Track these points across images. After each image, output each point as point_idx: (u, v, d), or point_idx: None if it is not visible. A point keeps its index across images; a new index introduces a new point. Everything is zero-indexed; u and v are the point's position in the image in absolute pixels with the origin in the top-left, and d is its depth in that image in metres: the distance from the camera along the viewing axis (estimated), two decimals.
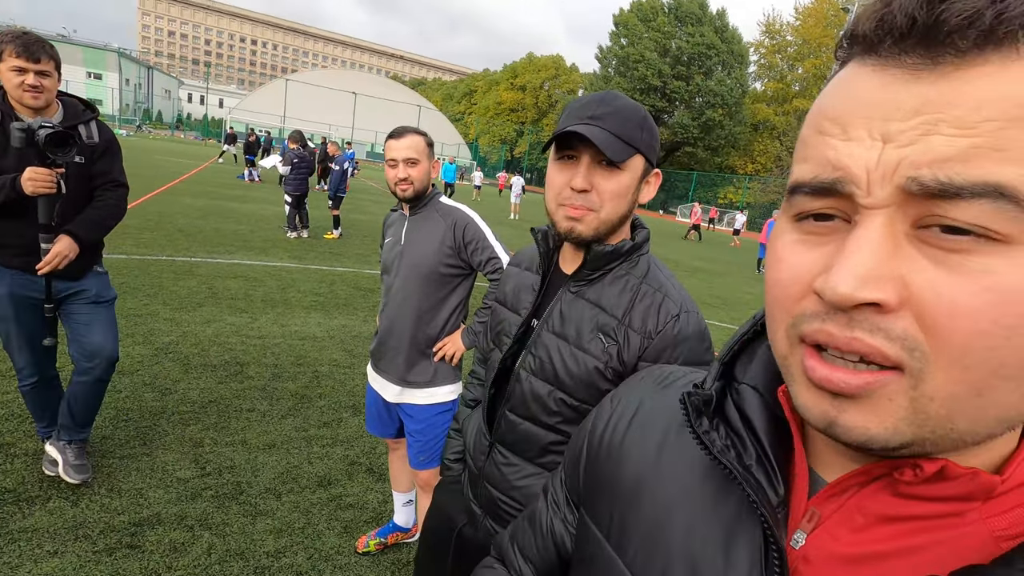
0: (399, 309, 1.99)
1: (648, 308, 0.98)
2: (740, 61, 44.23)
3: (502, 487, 1.11)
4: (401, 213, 2.06)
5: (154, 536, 2.19)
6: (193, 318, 4.64)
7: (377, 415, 2.17)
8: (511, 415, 1.09)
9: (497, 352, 1.14)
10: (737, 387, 0.44)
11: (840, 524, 0.36)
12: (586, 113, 0.94)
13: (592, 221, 0.97)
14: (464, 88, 78.76)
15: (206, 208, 10.59)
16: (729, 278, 12.44)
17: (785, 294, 0.34)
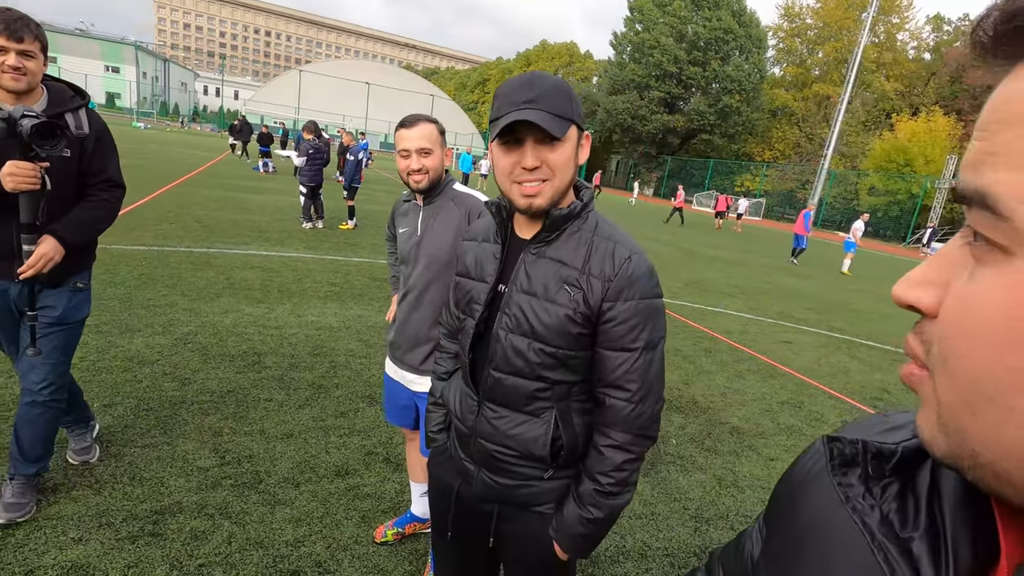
0: (418, 300, 1.97)
1: (603, 256, 1.10)
2: (758, 46, 43.31)
3: (496, 439, 1.19)
4: (415, 203, 2.01)
5: (175, 524, 2.22)
6: (211, 308, 4.68)
7: (395, 405, 2.16)
8: (496, 372, 1.17)
9: (470, 320, 1.21)
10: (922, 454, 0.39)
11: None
12: (520, 98, 1.02)
13: (547, 193, 1.07)
14: (477, 77, 78.36)
15: (222, 200, 10.68)
16: (745, 267, 12.26)
17: None
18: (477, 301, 1.20)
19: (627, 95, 45.02)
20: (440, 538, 1.41)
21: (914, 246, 29.53)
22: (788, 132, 44.15)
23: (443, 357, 1.43)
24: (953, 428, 0.29)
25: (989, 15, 0.28)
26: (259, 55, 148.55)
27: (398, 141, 1.89)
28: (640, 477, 3.06)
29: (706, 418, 3.96)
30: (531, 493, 1.20)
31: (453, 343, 1.40)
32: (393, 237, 2.25)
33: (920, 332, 0.31)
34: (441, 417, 1.41)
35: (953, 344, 0.29)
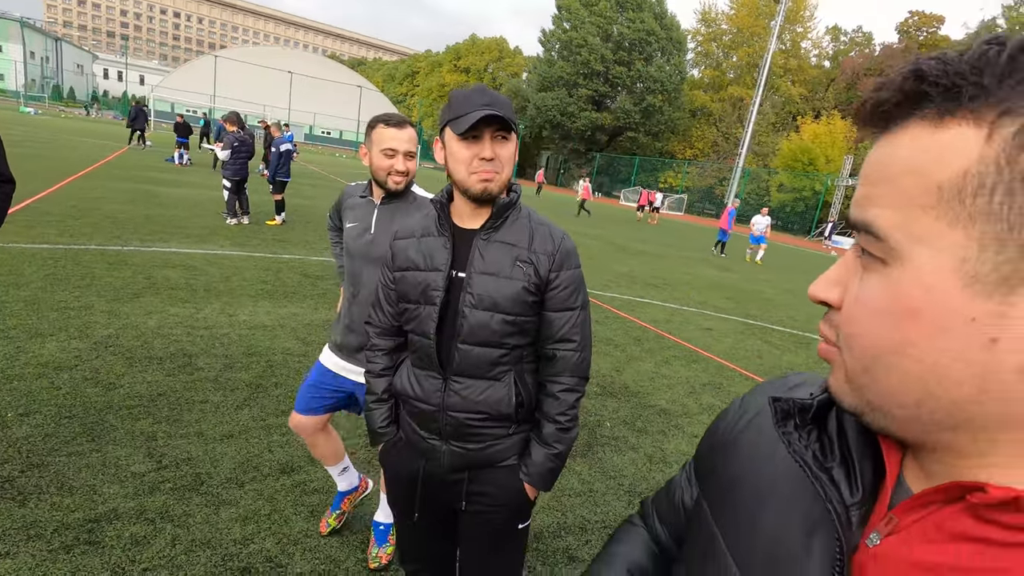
0: (370, 300, 1.97)
1: (544, 236, 1.33)
2: (678, 48, 45.36)
3: (467, 408, 1.33)
4: (369, 199, 1.98)
5: (113, 531, 2.15)
6: (132, 310, 4.44)
7: (321, 393, 2.10)
8: (463, 346, 1.31)
9: (429, 307, 1.33)
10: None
11: (916, 534, 0.39)
12: (482, 101, 1.21)
13: (499, 180, 1.26)
14: (406, 69, 76.85)
15: (134, 193, 9.98)
16: (670, 260, 12.94)
17: None
18: (435, 288, 1.31)
19: (556, 92, 45.84)
20: (406, 521, 1.50)
21: (817, 239, 32.11)
22: (707, 131, 46.63)
23: (378, 355, 1.50)
24: (855, 386, 0.40)
25: (867, 100, 0.40)
26: (167, 38, 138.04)
27: (383, 139, 1.87)
28: (578, 459, 3.26)
29: (636, 401, 4.24)
30: (498, 450, 1.36)
31: (387, 339, 1.49)
32: (338, 228, 2.22)
33: (829, 320, 0.43)
34: (387, 411, 1.49)
35: (853, 327, 0.40)
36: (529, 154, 54.91)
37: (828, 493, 0.44)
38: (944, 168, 0.34)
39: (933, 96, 0.35)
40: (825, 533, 0.44)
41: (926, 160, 0.35)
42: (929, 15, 43.88)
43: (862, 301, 0.39)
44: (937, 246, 0.35)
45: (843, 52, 47.43)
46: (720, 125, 45.94)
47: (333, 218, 2.24)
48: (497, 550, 1.45)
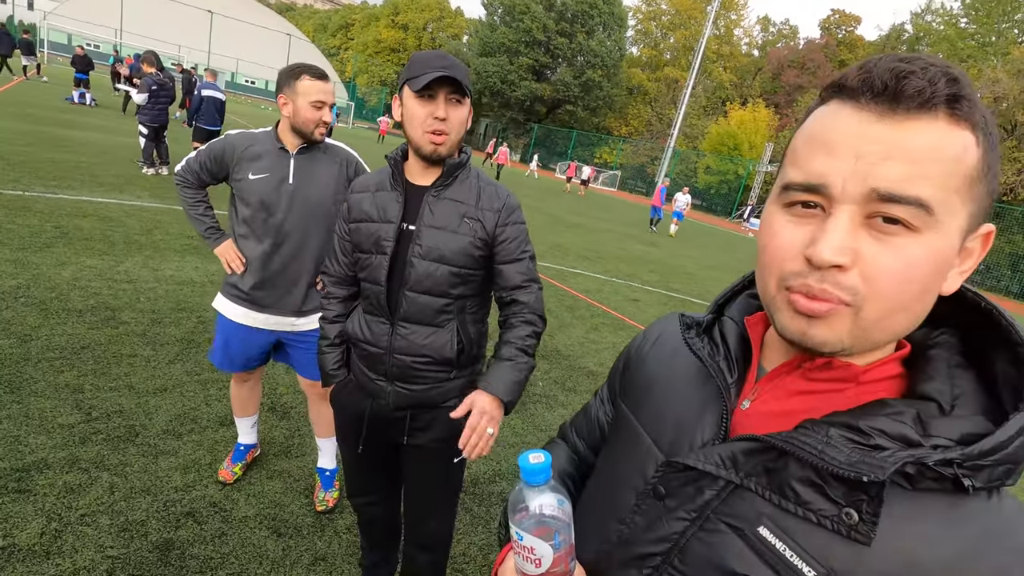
0: (298, 246, 2.01)
1: (491, 194, 1.45)
2: (619, 24, 45.70)
3: (412, 351, 1.44)
4: (281, 147, 1.97)
5: (44, 480, 2.11)
6: (42, 260, 4.14)
7: (243, 351, 2.15)
8: (410, 293, 1.41)
9: (380, 256, 1.42)
10: (722, 319, 0.69)
11: (770, 396, 0.58)
12: (439, 63, 1.29)
13: (448, 142, 1.35)
14: (340, 20, 72.54)
15: (31, 134, 9.02)
16: (602, 234, 13.40)
17: (779, 256, 0.51)
18: (386, 239, 1.41)
19: (497, 58, 45.07)
20: (351, 453, 1.63)
21: (737, 220, 34.06)
22: (642, 110, 47.71)
23: (332, 302, 1.59)
24: (865, 333, 0.48)
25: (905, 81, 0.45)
26: None
27: (311, 91, 1.90)
28: (514, 416, 3.47)
29: (567, 364, 4.51)
30: (441, 392, 1.49)
31: (341, 288, 1.58)
32: (210, 182, 2.08)
33: (837, 282, 0.47)
34: (338, 355, 1.59)
35: (887, 284, 0.46)
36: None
37: (716, 375, 0.61)
38: (967, 161, 0.45)
39: (964, 100, 0.45)
40: (714, 402, 0.61)
41: (959, 153, 0.45)
42: (848, 15, 46.74)
43: (908, 262, 0.45)
44: (959, 219, 0.46)
45: (771, 43, 49.71)
46: (655, 105, 47.12)
47: (203, 173, 2.05)
48: (436, 482, 1.59)
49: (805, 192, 0.49)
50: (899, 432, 0.48)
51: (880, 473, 0.45)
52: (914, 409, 0.49)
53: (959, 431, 0.47)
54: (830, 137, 0.48)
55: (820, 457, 0.48)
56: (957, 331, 0.55)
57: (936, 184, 0.45)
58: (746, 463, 0.54)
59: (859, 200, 0.46)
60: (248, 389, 2.33)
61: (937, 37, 38.58)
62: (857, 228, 0.47)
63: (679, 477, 0.58)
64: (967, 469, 0.45)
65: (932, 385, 0.50)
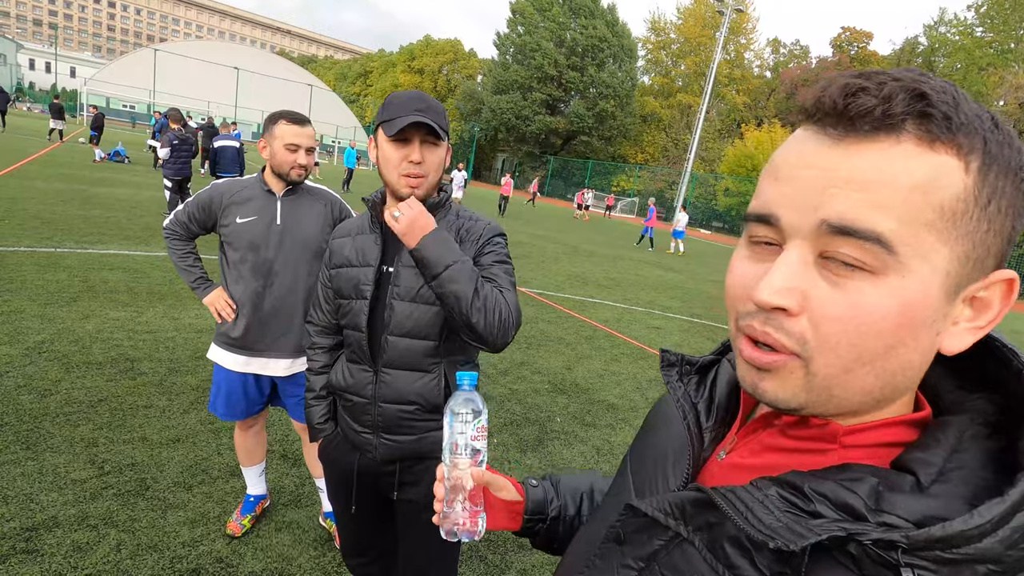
0: (289, 286, 2.04)
1: (469, 228, 1.41)
2: (630, 55, 46.48)
3: (398, 399, 1.38)
4: (266, 191, 2.04)
5: (53, 539, 2.10)
6: (68, 314, 4.25)
7: (244, 398, 2.16)
8: (392, 337, 1.37)
9: (361, 301, 1.38)
10: (723, 360, 0.64)
11: (746, 448, 0.53)
12: (414, 107, 1.27)
13: (425, 185, 1.33)
14: (359, 68, 75.57)
15: (66, 193, 9.46)
16: (620, 262, 13.30)
17: (735, 295, 0.46)
18: (366, 282, 1.37)
19: (511, 95, 46.13)
20: (344, 513, 1.56)
21: None
22: (657, 137, 47.96)
23: (318, 353, 1.55)
24: (819, 388, 0.42)
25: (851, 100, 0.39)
26: (101, 28, 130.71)
27: (286, 135, 1.97)
28: (529, 452, 3.36)
29: (586, 397, 4.39)
30: (430, 442, 1.42)
31: (326, 338, 1.54)
32: (198, 232, 2.12)
33: (780, 327, 0.41)
34: (325, 408, 1.54)
35: (841, 333, 0.39)
36: (485, 157, 55.02)
37: (687, 417, 0.57)
38: (941, 190, 0.38)
39: (937, 117, 0.38)
40: (687, 449, 0.57)
41: (927, 179, 0.38)
42: (859, 31, 46.68)
43: (862, 308, 0.39)
44: (933, 260, 0.39)
45: (783, 64, 49.82)
46: (670, 131, 47.35)
47: (192, 223, 2.08)
48: (430, 539, 1.45)
49: (757, 223, 0.44)
50: (844, 501, 0.40)
51: (795, 542, 0.38)
52: (876, 479, 0.41)
53: (923, 512, 0.38)
54: (780, 164, 0.43)
55: (744, 517, 0.42)
56: (999, 397, 0.45)
57: (897, 216, 0.38)
58: (694, 516, 0.49)
59: (809, 235, 0.40)
60: (253, 436, 2.31)
61: (954, 47, 38.19)
62: (809, 267, 0.41)
63: (635, 522, 0.55)
64: (921, 559, 0.36)
65: (918, 455, 0.42)
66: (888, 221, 0.38)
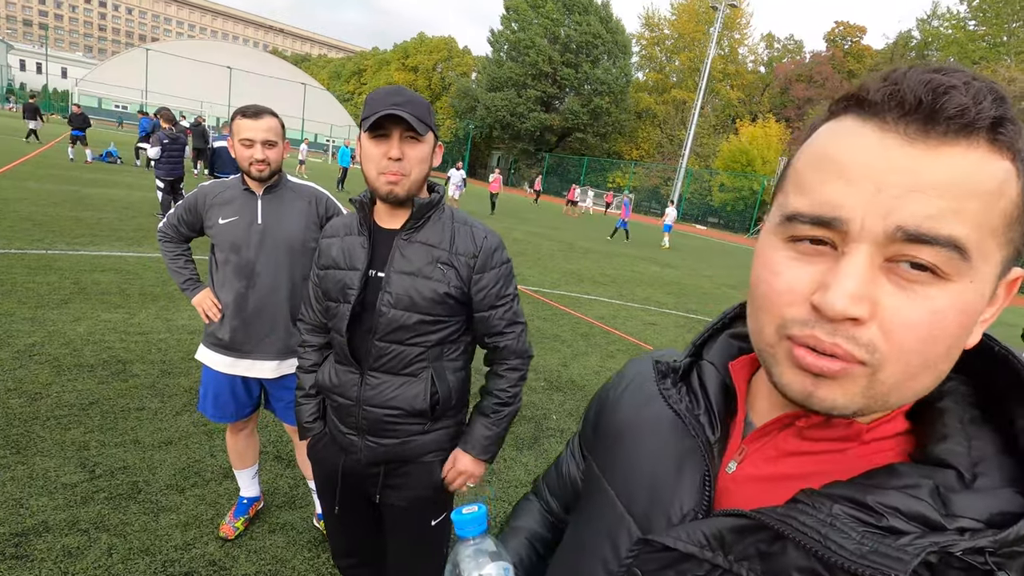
0: (272, 287, 2.01)
1: (465, 237, 1.35)
2: (624, 51, 46.40)
3: (382, 403, 1.36)
4: (244, 191, 2.01)
5: (43, 544, 2.08)
6: (59, 316, 4.22)
7: (232, 400, 2.13)
8: (380, 343, 1.33)
9: (344, 304, 1.35)
10: (701, 363, 0.60)
11: (759, 456, 0.50)
12: (391, 101, 1.21)
13: (405, 183, 1.27)
14: (353, 67, 75.25)
15: (57, 194, 9.39)
16: (616, 259, 13.30)
17: (779, 300, 0.42)
18: (351, 287, 1.34)
19: (505, 92, 46.02)
20: (330, 515, 1.54)
21: (755, 236, 33.62)
22: (652, 133, 47.92)
23: (308, 351, 1.53)
24: (882, 395, 0.40)
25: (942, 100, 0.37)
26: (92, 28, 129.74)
27: (240, 130, 1.91)
28: (525, 451, 3.35)
29: (582, 394, 4.38)
30: (415, 446, 1.40)
31: (316, 336, 1.52)
32: (189, 234, 2.11)
33: (851, 336, 0.39)
34: (314, 407, 1.52)
35: (918, 342, 0.38)
36: (480, 154, 54.91)
37: (697, 433, 0.54)
38: (1006, 197, 0.38)
39: (1008, 123, 0.37)
40: (694, 463, 0.53)
41: (996, 186, 0.37)
42: (853, 25, 46.73)
43: (937, 314, 0.38)
44: (992, 264, 0.39)
45: (776, 59, 49.86)
46: (664, 127, 47.32)
47: (181, 226, 2.08)
48: (413, 543, 1.47)
49: (814, 226, 0.41)
50: (916, 511, 0.39)
51: (901, 569, 0.37)
52: (931, 480, 0.41)
53: (987, 510, 0.39)
54: (846, 161, 0.40)
55: (825, 546, 0.40)
56: (968, 379, 0.47)
57: (973, 223, 0.37)
58: (736, 544, 0.46)
59: (880, 240, 0.38)
60: (244, 439, 2.29)
61: (947, 41, 38.27)
62: (877, 273, 0.39)
63: (657, 558, 0.50)
64: (1000, 557, 0.37)
65: (946, 446, 0.42)
66: (965, 228, 0.37)
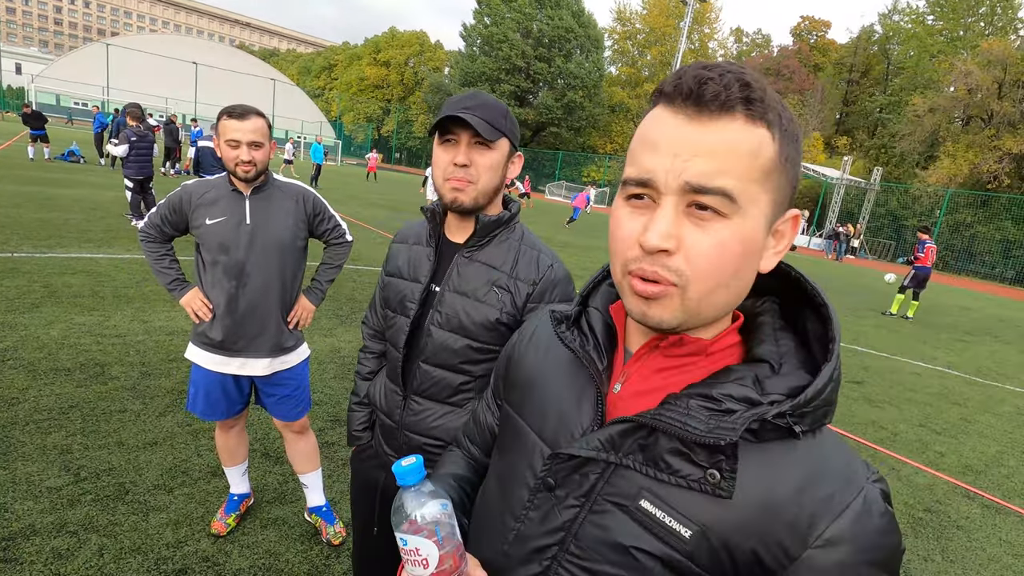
0: (263, 286, 2.03)
1: (529, 262, 1.25)
2: (596, 46, 46.63)
3: (422, 430, 1.29)
4: (230, 191, 2.00)
5: (31, 547, 2.07)
6: (31, 320, 4.12)
7: (224, 397, 2.14)
8: (425, 366, 1.27)
9: (403, 318, 1.29)
10: (588, 309, 0.72)
11: (637, 376, 0.64)
12: (461, 105, 1.15)
13: (471, 192, 1.18)
14: (323, 61, 73.92)
15: (19, 195, 9.09)
16: (594, 252, 13.44)
17: (622, 245, 0.57)
18: (411, 300, 1.28)
19: (479, 87, 45.80)
20: (367, 534, 1.42)
21: None
22: (625, 127, 48.33)
23: (368, 357, 1.49)
24: (693, 309, 0.54)
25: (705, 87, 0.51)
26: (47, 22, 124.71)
27: (226, 131, 1.90)
28: None
29: None
30: None
31: (378, 342, 1.47)
32: (173, 234, 2.10)
33: (665, 265, 0.53)
34: (365, 416, 1.46)
35: (706, 265, 0.52)
36: None
37: (588, 364, 0.65)
38: (762, 155, 0.52)
39: (756, 101, 0.52)
40: (589, 390, 0.66)
41: (754, 147, 0.52)
42: (818, 20, 47.86)
43: (720, 244, 0.52)
44: (759, 206, 0.54)
45: (745, 53, 50.76)
46: (638, 121, 47.51)
47: (165, 225, 2.06)
48: None
49: (638, 186, 0.55)
50: (743, 395, 0.55)
51: (733, 435, 0.52)
52: (753, 373, 0.57)
53: (787, 386, 0.55)
54: (654, 138, 0.55)
55: (684, 429, 0.54)
56: (778, 298, 0.64)
57: (736, 176, 0.52)
58: (623, 443, 0.59)
59: (678, 192, 0.53)
60: (235, 436, 2.30)
61: (907, 35, 39.42)
62: (680, 217, 0.53)
63: (565, 467, 0.63)
64: (796, 417, 0.53)
65: (763, 348, 0.59)
66: (731, 180, 0.52)
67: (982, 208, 27.22)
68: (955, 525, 3.27)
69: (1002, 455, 4.45)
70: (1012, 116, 28.52)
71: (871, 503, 0.53)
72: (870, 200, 29.11)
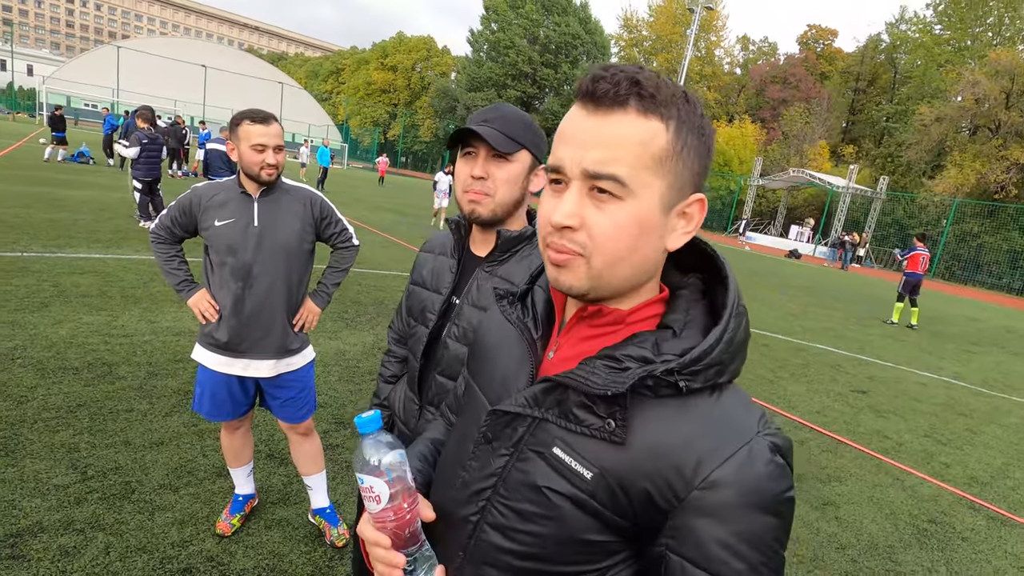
0: (269, 288, 2.05)
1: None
2: (603, 52, 46.79)
3: None
4: (242, 192, 2.03)
5: (38, 544, 2.09)
6: (39, 320, 4.16)
7: (229, 399, 2.16)
8: (440, 377, 1.28)
9: (423, 328, 1.32)
10: (534, 288, 0.82)
11: (566, 344, 0.72)
12: (481, 118, 1.17)
13: (488, 204, 1.19)
14: (331, 65, 74.39)
15: (30, 196, 9.18)
16: None
17: (544, 223, 0.65)
18: (431, 311, 1.30)
19: (485, 92, 46.03)
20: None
21: (733, 235, 34.21)
22: None
23: (391, 361, 1.51)
24: (597, 278, 0.63)
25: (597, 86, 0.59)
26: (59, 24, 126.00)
27: (251, 135, 1.93)
28: None
29: None
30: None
31: (402, 347, 1.48)
32: (183, 235, 2.13)
33: (570, 238, 0.62)
34: (386, 418, 1.47)
35: (605, 240, 0.60)
36: None
37: (525, 334, 0.75)
38: (653, 144, 0.59)
39: (646, 97, 0.59)
40: (527, 357, 0.74)
41: (645, 138, 0.59)
42: (825, 29, 47.89)
43: (616, 223, 0.60)
44: (652, 189, 0.60)
45: (752, 60, 50.79)
46: None
47: (175, 227, 2.08)
48: None
49: (553, 172, 0.64)
50: (640, 355, 0.62)
51: (621, 387, 0.59)
52: (654, 336, 0.64)
53: (681, 348, 0.62)
54: (565, 131, 0.64)
55: (586, 384, 0.61)
56: (702, 275, 0.71)
57: (627, 163, 0.59)
58: (544, 400, 0.67)
59: (580, 177, 0.61)
60: (240, 437, 2.32)
61: (914, 44, 39.42)
62: (584, 198, 0.61)
63: (500, 422, 0.71)
64: (686, 375, 0.60)
65: (672, 317, 0.67)
66: (623, 167, 0.59)
67: (989, 218, 27.09)
68: (960, 537, 3.25)
69: (1008, 467, 4.42)
70: (1020, 126, 28.42)
71: (757, 452, 0.58)
72: (876, 209, 29.03)
